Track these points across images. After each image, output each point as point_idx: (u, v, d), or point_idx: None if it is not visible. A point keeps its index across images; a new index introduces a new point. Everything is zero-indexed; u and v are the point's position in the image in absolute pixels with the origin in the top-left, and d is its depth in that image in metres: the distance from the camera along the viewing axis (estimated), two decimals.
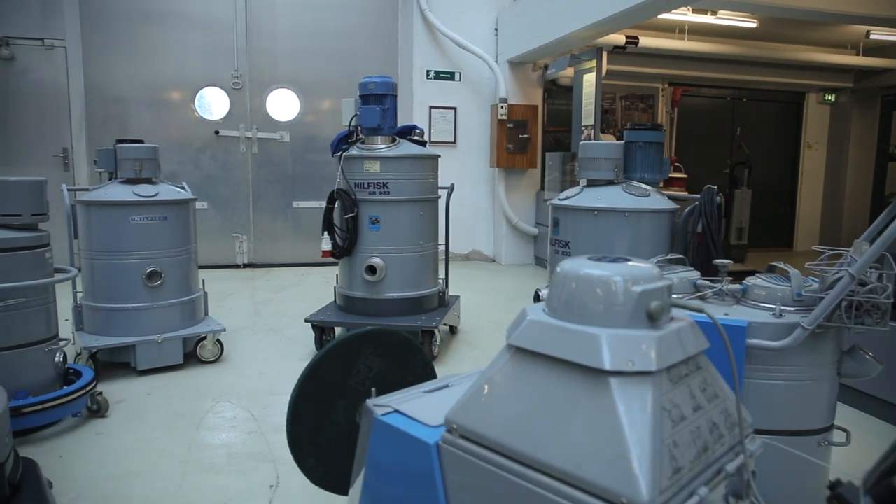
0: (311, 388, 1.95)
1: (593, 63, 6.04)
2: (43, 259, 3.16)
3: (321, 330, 4.35)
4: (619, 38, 7.39)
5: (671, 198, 3.71)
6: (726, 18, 7.21)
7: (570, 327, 1.16)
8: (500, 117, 7.87)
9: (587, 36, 6.47)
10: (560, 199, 3.72)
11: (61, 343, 3.32)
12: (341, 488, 2.08)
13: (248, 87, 7.80)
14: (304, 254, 7.94)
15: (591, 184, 3.70)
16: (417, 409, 1.42)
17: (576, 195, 3.64)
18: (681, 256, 2.58)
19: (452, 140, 8.16)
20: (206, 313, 4.46)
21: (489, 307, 5.93)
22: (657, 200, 3.59)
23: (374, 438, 1.42)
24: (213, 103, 7.77)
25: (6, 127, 7.25)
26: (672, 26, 7.84)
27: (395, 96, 4.38)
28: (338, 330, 4.53)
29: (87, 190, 4.18)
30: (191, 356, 4.19)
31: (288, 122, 7.96)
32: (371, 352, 2.04)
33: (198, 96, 7.73)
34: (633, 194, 3.54)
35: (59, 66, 7.31)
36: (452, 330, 4.92)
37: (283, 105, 7.94)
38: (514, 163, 8.04)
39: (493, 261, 8.57)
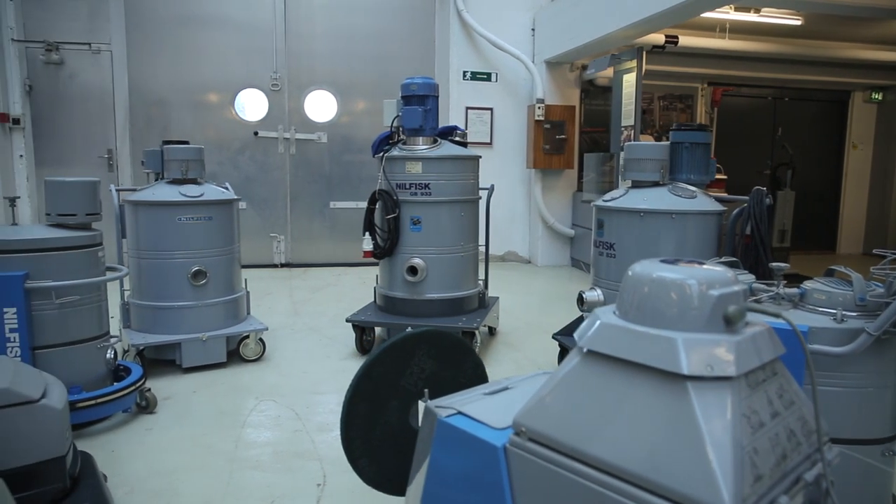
0: (365, 388, 1.95)
1: (633, 63, 5.97)
2: (96, 258, 3.22)
3: (362, 330, 4.37)
4: (658, 38, 7.29)
5: (718, 199, 3.65)
6: (770, 16, 7.06)
7: (644, 331, 1.14)
8: (536, 118, 7.83)
9: (626, 36, 6.41)
10: (604, 201, 3.68)
11: (112, 340, 3.38)
12: (392, 488, 2.09)
13: (286, 89, 7.88)
14: (340, 254, 8.00)
15: (636, 185, 3.65)
16: (481, 411, 1.41)
17: (620, 197, 3.60)
18: (734, 259, 2.53)
19: (489, 141, 8.14)
20: (249, 312, 4.51)
21: (527, 308, 5.90)
22: (704, 202, 3.53)
23: (438, 440, 1.41)
24: (252, 105, 7.87)
25: (55, 129, 7.44)
26: (712, 25, 7.70)
27: (437, 97, 4.38)
28: (377, 330, 4.54)
29: (134, 190, 4.25)
30: (233, 354, 4.24)
31: (325, 123, 8.03)
32: (424, 353, 2.04)
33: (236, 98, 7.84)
34: (680, 196, 3.49)
35: (104, 70, 7.47)
36: (491, 331, 4.91)
37: (320, 106, 8.01)
38: (550, 164, 7.99)
39: (529, 262, 8.53)
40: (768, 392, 1.15)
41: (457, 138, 4.52)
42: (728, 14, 6.97)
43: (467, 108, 8.13)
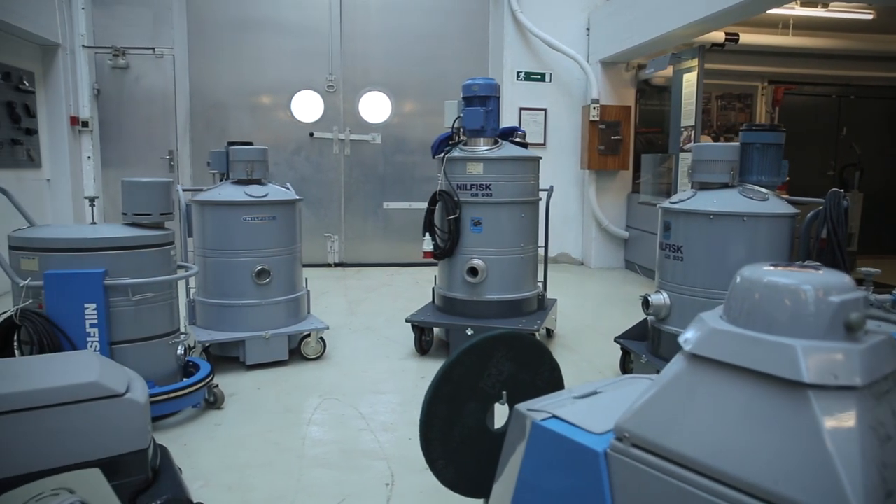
0: (445, 390, 1.95)
1: (694, 62, 5.84)
2: (168, 256, 3.31)
3: (421, 330, 4.38)
4: (717, 36, 7.13)
5: (791, 202, 3.54)
6: (839, 11, 6.83)
7: (759, 337, 1.11)
8: (591, 118, 7.74)
9: (686, 34, 6.28)
10: (671, 203, 3.61)
11: (182, 337, 3.47)
12: (469, 490, 2.08)
13: (341, 90, 7.97)
14: (393, 254, 8.05)
15: (704, 187, 3.56)
16: (576, 415, 1.39)
17: (689, 198, 3.52)
18: (817, 264, 2.44)
19: (542, 142, 8.08)
20: (309, 311, 4.57)
21: (582, 311, 5.83)
22: (777, 204, 3.43)
23: (532, 444, 1.40)
24: (308, 106, 7.98)
25: (121, 131, 7.70)
26: (775, 21, 7.49)
27: (498, 98, 4.37)
28: (436, 331, 4.55)
29: (200, 190, 4.35)
30: (294, 353, 4.29)
31: (379, 123, 8.09)
32: (503, 355, 2.03)
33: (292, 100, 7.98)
34: (751, 198, 3.40)
35: (167, 74, 7.68)
36: (549, 333, 4.86)
37: (374, 107, 8.09)
38: (605, 164, 7.89)
39: (582, 264, 8.44)
40: (892, 404, 1.10)
41: (517, 139, 4.50)
42: (793, 10, 6.77)
43: (521, 109, 8.08)
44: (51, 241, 3.04)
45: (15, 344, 3.01)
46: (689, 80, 5.98)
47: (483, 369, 2.00)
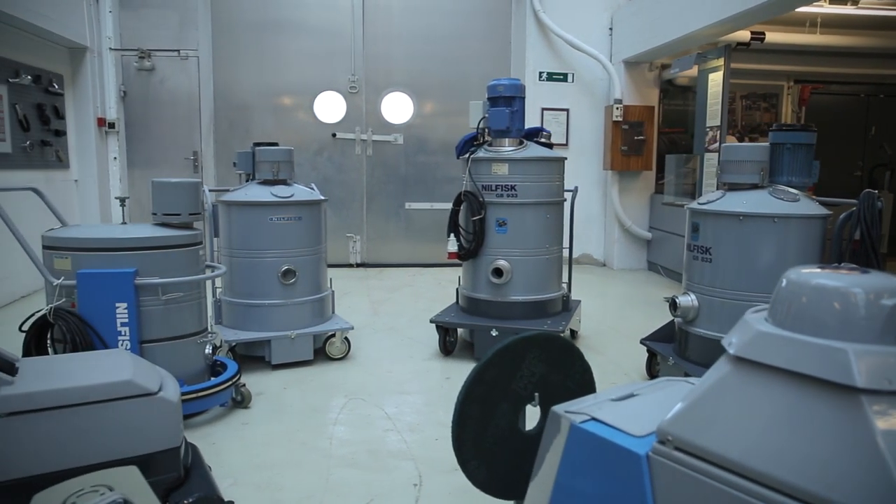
0: (477, 391, 1.95)
1: (720, 62, 5.78)
2: (197, 256, 3.34)
3: (445, 331, 4.38)
4: (743, 35, 7.05)
5: (822, 203, 3.49)
6: (869, 8, 6.71)
7: (808, 340, 1.09)
8: (614, 118, 7.69)
9: (711, 33, 6.22)
10: (700, 204, 3.57)
11: (210, 336, 3.49)
12: (500, 491, 2.07)
13: (363, 91, 8.00)
14: (415, 254, 8.07)
15: (733, 188, 3.52)
16: (615, 417, 1.38)
17: (717, 199, 3.48)
18: (854, 266, 2.40)
19: (564, 142, 8.04)
20: (333, 311, 4.58)
21: (605, 312, 5.80)
22: (808, 205, 3.38)
23: (571, 446, 1.39)
24: (330, 107, 8.02)
25: (146, 132, 7.78)
26: (801, 19, 7.38)
27: (524, 98, 4.35)
28: (460, 331, 4.54)
29: (227, 190, 4.38)
30: (319, 352, 4.31)
31: (401, 124, 8.11)
32: (535, 356, 2.02)
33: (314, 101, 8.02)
34: (782, 199, 3.35)
35: (191, 75, 7.76)
36: (573, 335, 4.84)
37: (396, 108, 8.11)
38: (628, 165, 7.84)
39: (604, 265, 8.39)
40: None
41: (542, 140, 4.48)
42: (822, 7, 6.67)
43: (543, 109, 8.06)
44: (83, 241, 3.08)
45: (48, 342, 3.06)
46: (715, 80, 5.92)
47: (516, 370, 2.00)
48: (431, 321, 4.38)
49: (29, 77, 6.20)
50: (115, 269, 3.01)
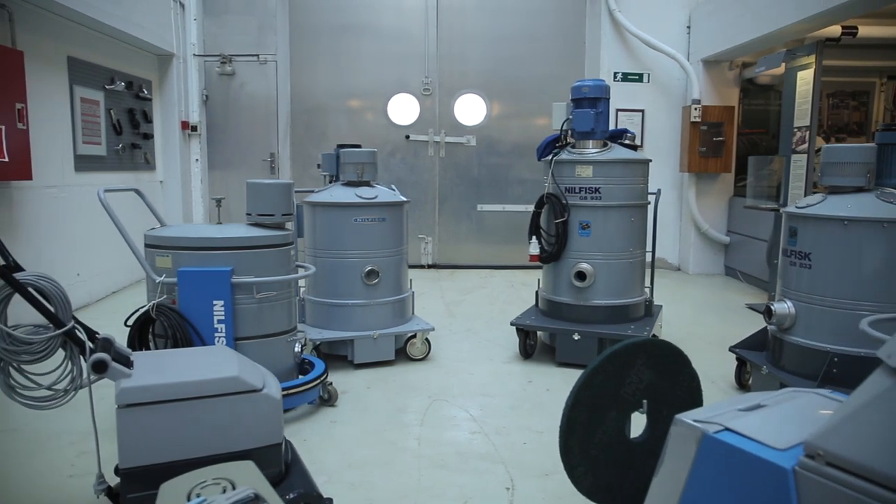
0: (586, 396, 1.92)
1: (810, 58, 5.54)
2: (289, 256, 3.42)
3: (525, 334, 4.35)
4: (833, 30, 6.73)
5: None
6: None
7: None
8: (693, 119, 7.49)
9: (800, 29, 5.98)
10: (798, 207, 3.43)
11: (299, 335, 3.56)
12: (605, 499, 2.03)
13: (437, 93, 8.05)
14: (486, 256, 8.06)
15: (835, 191, 3.37)
16: (752, 428, 1.33)
17: (818, 203, 3.34)
18: None
19: (639, 144, 7.86)
20: (413, 312, 4.61)
21: (684, 318, 5.64)
22: None
23: (703, 457, 1.34)
24: (404, 109, 8.09)
25: (227, 134, 8.04)
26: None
27: (608, 99, 4.28)
28: (539, 335, 4.50)
29: (311, 191, 4.47)
30: (399, 352, 4.35)
31: (474, 126, 8.12)
32: (644, 362, 1.98)
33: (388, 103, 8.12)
34: (891, 203, 3.18)
35: (270, 79, 7.96)
36: None
37: (469, 109, 8.12)
38: (706, 167, 7.62)
39: (679, 269, 8.19)
40: None
41: (626, 141, 4.40)
42: None
43: (617, 111, 7.91)
44: (182, 240, 3.19)
45: (149, 336, 3.18)
46: (804, 78, 5.68)
47: (624, 376, 1.96)
48: (512, 324, 4.36)
49: (122, 83, 6.50)
50: (213, 268, 3.10)
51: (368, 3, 8.02)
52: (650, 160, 4.46)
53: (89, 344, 2.20)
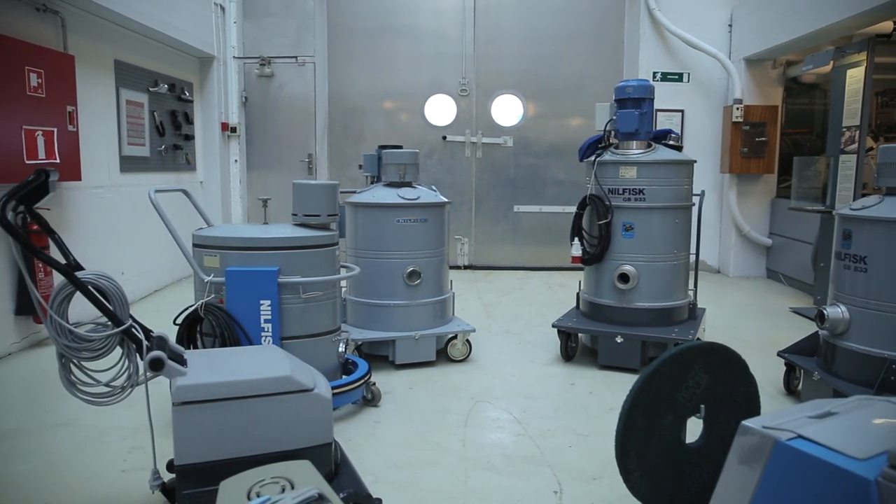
0: (643, 400, 1.89)
1: (861, 56, 5.40)
2: (334, 256, 3.44)
3: (567, 336, 4.31)
4: (884, 26, 6.55)
5: None
6: None
7: None
8: (734, 119, 7.36)
9: (850, 26, 5.83)
10: (853, 209, 3.34)
11: (343, 335, 3.58)
12: None
13: (474, 94, 8.04)
14: (523, 257, 8.03)
15: (892, 192, 3.27)
16: (827, 436, 1.29)
17: (874, 205, 3.24)
18: None
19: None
20: (454, 313, 4.61)
21: (726, 321, 5.54)
22: None
23: (775, 466, 1.31)
24: (441, 110, 8.10)
25: (265, 135, 8.14)
26: None
27: (652, 100, 4.23)
28: (581, 337, 4.46)
29: (353, 192, 4.49)
30: (440, 353, 4.34)
31: (511, 126, 8.10)
32: (701, 367, 1.94)
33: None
34: None
35: (308, 80, 8.04)
36: None
37: (506, 110, 8.09)
38: (748, 168, 7.49)
39: (718, 272, 8.05)
40: None
41: (671, 142, 4.34)
42: None
43: (657, 111, 7.79)
44: (230, 240, 3.23)
45: (197, 335, 3.23)
46: (854, 76, 5.54)
47: (681, 381, 1.93)
48: (554, 325, 4.32)
49: (165, 86, 6.62)
50: (261, 268, 3.13)
51: (405, 5, 8.04)
52: (695, 161, 4.39)
53: (146, 342, 2.24)
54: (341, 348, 3.53)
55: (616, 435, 1.90)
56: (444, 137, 8.04)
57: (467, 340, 4.35)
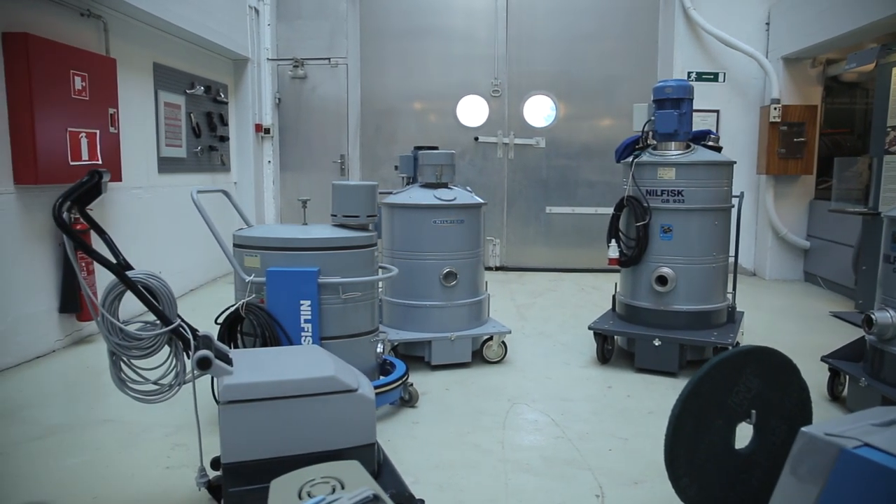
0: (693, 404, 1.86)
1: None
2: (373, 257, 3.45)
3: (603, 338, 4.28)
4: None
5: None
6: None
7: None
8: (772, 119, 7.23)
9: (894, 24, 5.69)
10: None
11: (381, 335, 3.59)
12: None
13: (506, 94, 8.02)
14: (555, 259, 7.98)
15: None
16: (895, 445, 1.26)
17: None
18: None
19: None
20: (489, 315, 4.60)
21: (764, 325, 5.44)
22: None
23: (840, 474, 1.28)
24: (473, 111, 8.10)
25: (297, 136, 8.22)
26: None
27: (692, 100, 4.18)
28: (617, 340, 4.42)
29: (389, 193, 4.51)
30: (475, 354, 4.34)
31: (543, 127, 8.06)
32: (752, 371, 1.91)
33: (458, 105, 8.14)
34: None
35: (340, 82, 8.09)
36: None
37: (538, 111, 8.06)
38: (786, 169, 7.35)
39: (754, 274, 7.92)
40: None
41: (710, 143, 4.28)
42: None
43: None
44: (270, 241, 3.26)
45: (238, 334, 3.26)
46: None
47: (732, 385, 1.90)
48: (590, 328, 4.29)
49: (201, 88, 6.71)
50: (301, 268, 3.16)
51: (438, 7, 8.06)
52: (734, 162, 4.32)
53: (193, 341, 2.27)
54: (380, 349, 3.55)
55: (665, 439, 1.88)
56: (476, 138, 8.04)
57: (503, 342, 4.34)
